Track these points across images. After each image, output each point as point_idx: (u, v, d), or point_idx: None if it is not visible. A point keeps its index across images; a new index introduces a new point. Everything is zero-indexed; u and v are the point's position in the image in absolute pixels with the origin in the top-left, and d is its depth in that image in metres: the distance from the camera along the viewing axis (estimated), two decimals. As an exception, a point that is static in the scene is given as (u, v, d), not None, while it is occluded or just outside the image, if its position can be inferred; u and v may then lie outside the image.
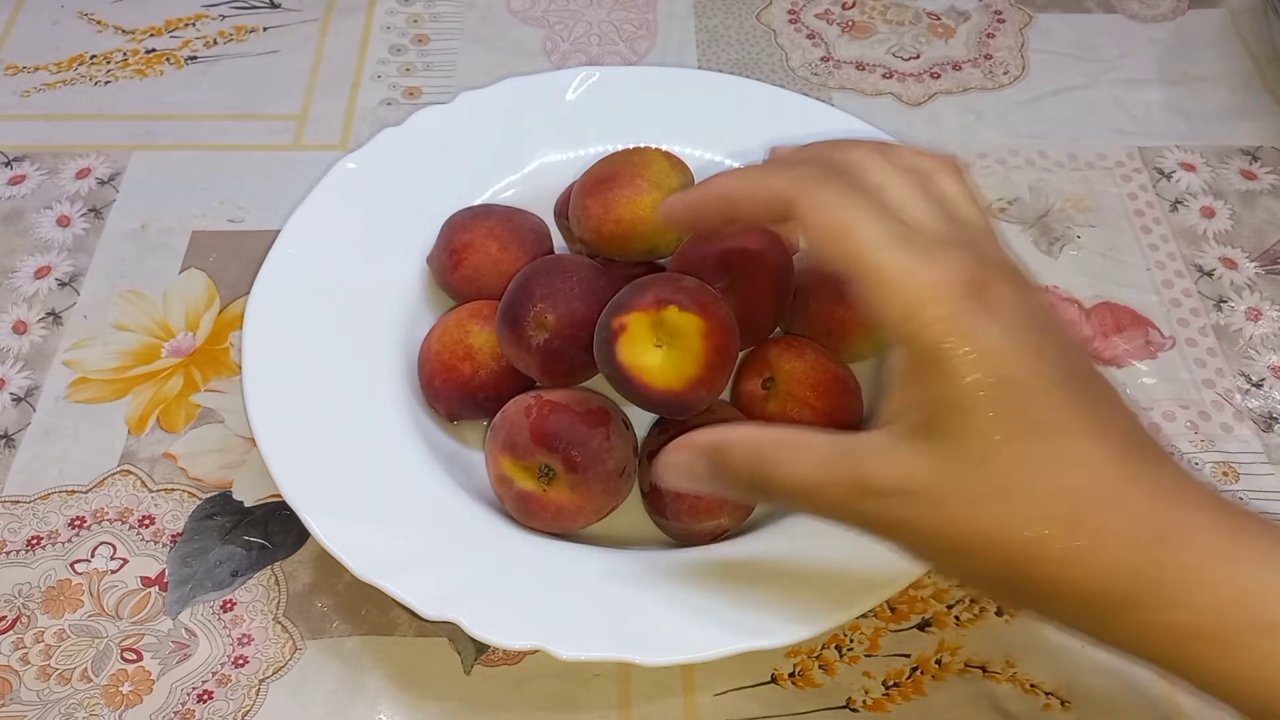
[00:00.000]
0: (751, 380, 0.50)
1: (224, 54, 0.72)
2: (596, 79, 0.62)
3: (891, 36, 0.75)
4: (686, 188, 0.52)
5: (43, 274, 0.60)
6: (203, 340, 0.58)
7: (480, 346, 0.50)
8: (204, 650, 0.48)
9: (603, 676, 0.47)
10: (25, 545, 0.51)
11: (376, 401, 0.50)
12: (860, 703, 0.47)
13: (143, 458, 0.53)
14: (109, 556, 0.50)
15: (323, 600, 0.49)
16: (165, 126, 0.67)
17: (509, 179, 0.59)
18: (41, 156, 0.66)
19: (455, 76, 0.71)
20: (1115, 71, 0.73)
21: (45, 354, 0.57)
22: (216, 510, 0.52)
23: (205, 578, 0.50)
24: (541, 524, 0.47)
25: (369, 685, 0.47)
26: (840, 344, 0.51)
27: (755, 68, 0.72)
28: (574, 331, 0.48)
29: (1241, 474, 0.55)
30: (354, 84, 0.70)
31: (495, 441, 0.47)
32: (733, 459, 0.36)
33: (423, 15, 0.75)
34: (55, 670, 0.47)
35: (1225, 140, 0.69)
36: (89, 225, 0.63)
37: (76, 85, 0.70)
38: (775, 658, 0.48)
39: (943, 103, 0.71)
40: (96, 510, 0.52)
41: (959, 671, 0.48)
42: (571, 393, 0.48)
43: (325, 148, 0.66)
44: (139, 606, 0.49)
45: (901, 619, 0.50)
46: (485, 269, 0.52)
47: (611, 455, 0.47)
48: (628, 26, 0.75)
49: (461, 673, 0.47)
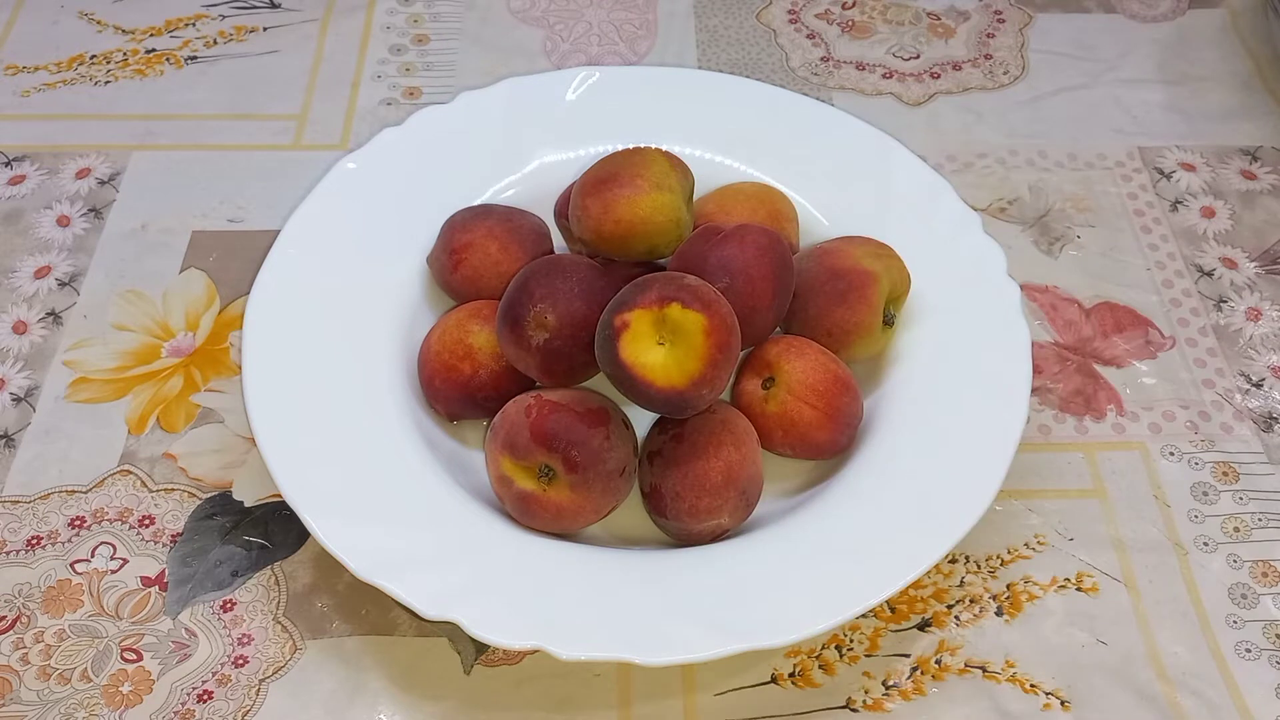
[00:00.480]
0: (751, 380, 0.50)
1: (224, 54, 0.72)
2: (596, 79, 0.62)
3: (891, 36, 0.75)
4: (686, 188, 0.52)
5: (43, 274, 0.60)
6: (203, 340, 0.58)
7: (480, 347, 0.50)
8: (204, 650, 0.48)
9: (603, 676, 0.47)
10: (25, 545, 0.51)
11: (376, 401, 0.50)
12: (860, 703, 0.47)
13: (143, 458, 0.53)
14: (109, 556, 0.50)
15: (323, 600, 0.49)
16: (165, 126, 0.67)
17: (509, 179, 0.59)
18: (41, 156, 0.66)
19: (455, 76, 0.71)
20: (1115, 71, 0.73)
21: (45, 354, 0.57)
22: (216, 510, 0.52)
23: (205, 578, 0.50)
24: (542, 524, 0.47)
25: (369, 685, 0.47)
26: (840, 344, 0.51)
27: (755, 68, 0.72)
28: (574, 331, 0.48)
29: (1241, 474, 0.55)
30: (354, 84, 0.70)
31: (495, 442, 0.47)
32: None
33: (423, 15, 0.75)
34: (55, 670, 0.47)
35: (1225, 140, 0.69)
36: (89, 225, 0.63)
37: (76, 85, 0.70)
38: (775, 658, 0.48)
39: (943, 103, 0.71)
40: (96, 510, 0.52)
41: (959, 671, 0.48)
42: (571, 392, 0.48)
43: (325, 148, 0.66)
44: (139, 606, 0.49)
45: (901, 619, 0.50)
46: (485, 269, 0.52)
47: (612, 455, 0.47)
48: (628, 26, 0.75)
49: (461, 672, 0.47)
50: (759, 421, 0.49)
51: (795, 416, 0.49)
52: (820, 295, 0.51)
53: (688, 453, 0.47)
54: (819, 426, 0.49)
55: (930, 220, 0.56)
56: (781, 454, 0.51)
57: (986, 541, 0.52)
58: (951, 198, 0.57)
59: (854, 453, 0.50)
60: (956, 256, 0.55)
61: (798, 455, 0.50)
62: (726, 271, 0.48)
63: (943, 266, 0.55)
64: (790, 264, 0.50)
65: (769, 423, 0.49)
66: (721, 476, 0.46)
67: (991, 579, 0.51)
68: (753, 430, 0.49)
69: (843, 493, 0.48)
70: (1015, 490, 0.53)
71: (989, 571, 0.51)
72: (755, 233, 0.49)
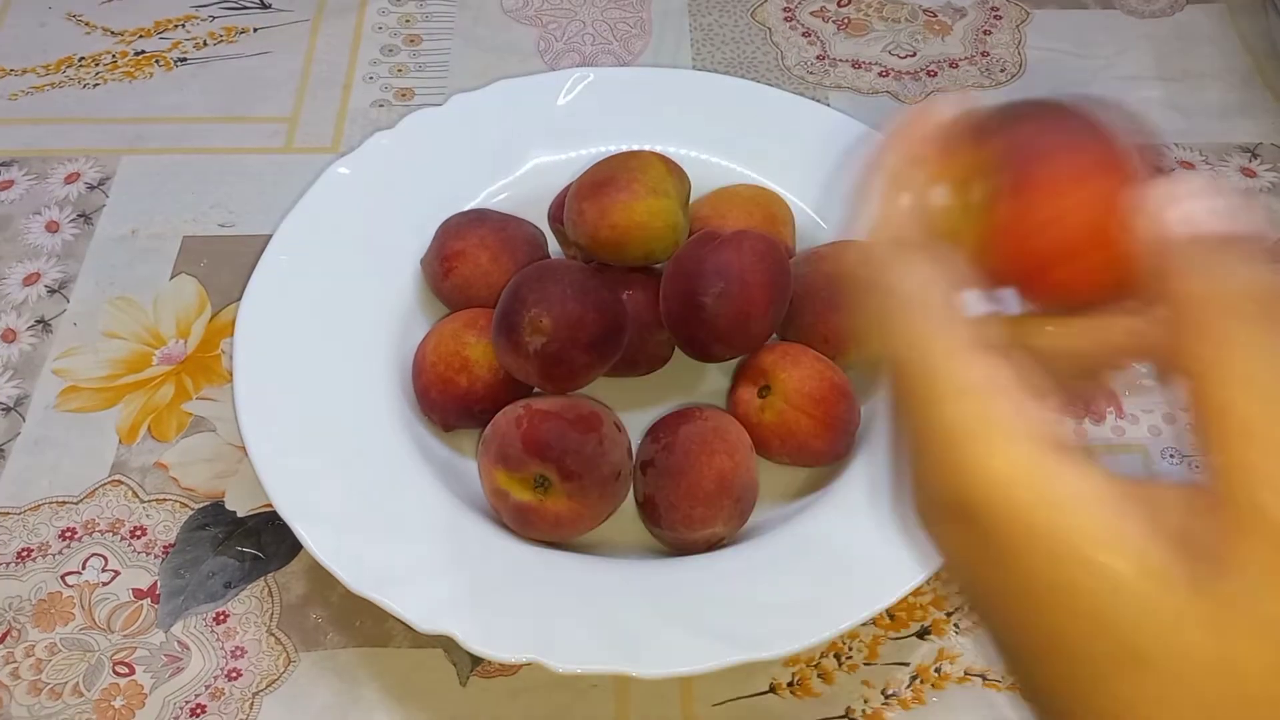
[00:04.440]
0: (747, 389, 0.50)
1: (214, 56, 0.71)
2: (590, 80, 0.61)
3: (887, 34, 0.74)
4: (682, 193, 0.52)
5: (31, 281, 0.60)
6: (194, 347, 0.57)
7: (476, 359, 0.50)
8: (197, 663, 0.47)
9: (600, 687, 0.47)
10: (15, 558, 0.50)
11: (370, 409, 0.50)
12: (860, 712, 0.47)
13: (134, 467, 0.53)
14: (100, 568, 0.50)
15: (316, 612, 0.49)
16: (155, 130, 0.67)
17: (502, 181, 0.59)
18: (29, 161, 0.65)
19: (448, 77, 0.70)
20: (1113, 68, 0.72)
21: (34, 362, 0.57)
22: (209, 521, 0.51)
23: (198, 589, 0.49)
24: (541, 534, 0.47)
25: (364, 697, 0.47)
26: (837, 351, 0.51)
27: (750, 66, 0.72)
28: (571, 332, 0.47)
29: (1242, 476, 0.54)
30: (345, 86, 0.70)
31: (488, 455, 0.47)
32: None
33: (415, 15, 0.74)
34: (46, 685, 0.47)
35: (1224, 137, 0.69)
36: (78, 231, 0.62)
37: (65, 88, 0.69)
38: (773, 667, 0.48)
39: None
40: (87, 521, 0.51)
41: (959, 680, 0.48)
42: (561, 400, 0.48)
43: (317, 150, 0.66)
44: (131, 619, 0.48)
45: (900, 626, 0.49)
46: (475, 279, 0.52)
47: (606, 460, 0.46)
48: (622, 25, 0.74)
49: (457, 684, 0.47)
50: (756, 431, 0.49)
51: (792, 425, 0.48)
52: (816, 301, 0.51)
53: (680, 462, 0.46)
54: (816, 435, 0.48)
55: (928, 222, 0.56)
56: (779, 462, 0.50)
57: (986, 547, 0.51)
58: (949, 199, 0.56)
59: (852, 459, 0.50)
60: (954, 259, 0.54)
61: (795, 463, 0.50)
62: (722, 277, 0.48)
63: (941, 269, 0.54)
64: (788, 271, 0.50)
65: (766, 432, 0.49)
66: (715, 485, 0.46)
67: (991, 585, 0.50)
68: (746, 437, 0.48)
69: (841, 500, 0.48)
70: (1015, 495, 0.53)
71: (988, 577, 0.51)
72: (752, 239, 0.49)
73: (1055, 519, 0.22)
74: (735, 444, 0.47)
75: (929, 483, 0.24)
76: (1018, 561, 0.22)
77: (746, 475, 0.47)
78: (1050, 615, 0.22)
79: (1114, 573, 0.21)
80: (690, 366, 0.53)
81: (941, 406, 0.24)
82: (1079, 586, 0.21)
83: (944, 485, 0.23)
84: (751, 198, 0.55)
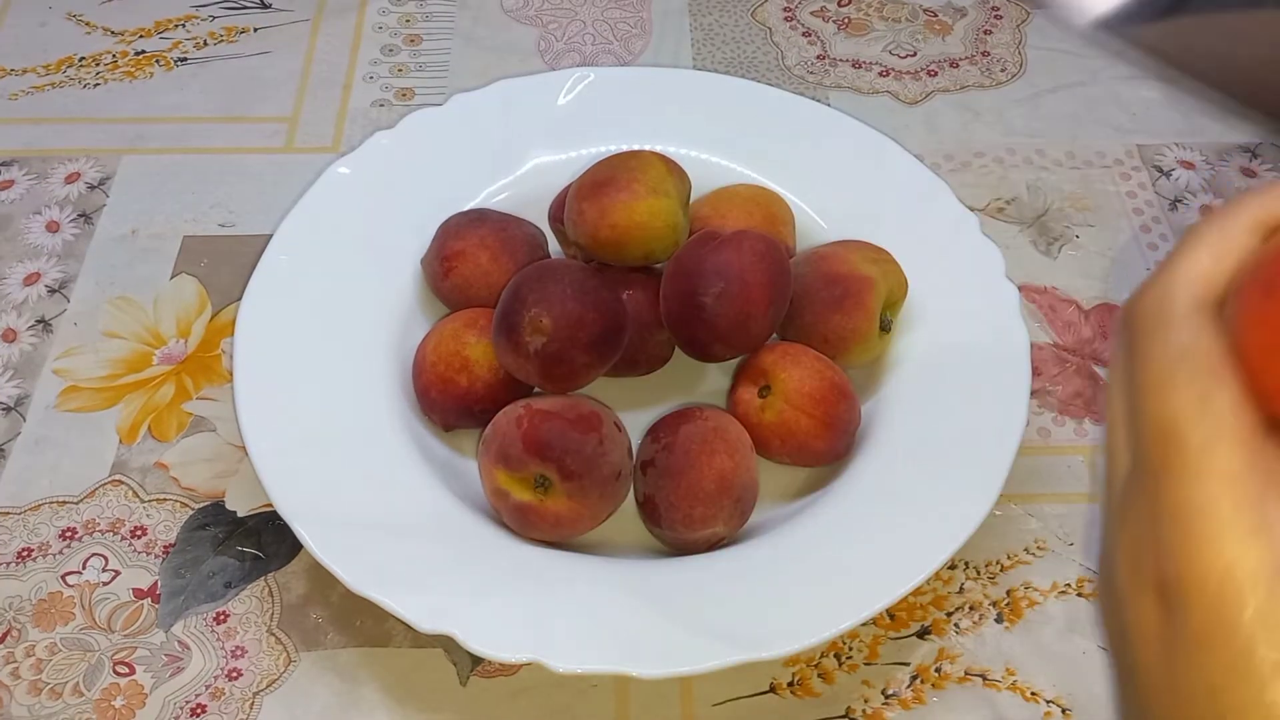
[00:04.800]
0: (747, 389, 0.50)
1: (214, 55, 0.71)
2: (590, 80, 0.61)
3: (888, 34, 0.74)
4: (682, 193, 0.52)
5: (32, 280, 0.60)
6: (194, 347, 0.57)
7: (477, 359, 0.50)
8: (197, 663, 0.47)
9: (600, 687, 0.47)
10: (15, 557, 0.50)
11: (370, 409, 0.50)
12: (860, 712, 0.47)
13: (134, 467, 0.53)
14: (101, 568, 0.50)
15: (317, 612, 0.49)
16: (155, 130, 0.67)
17: (502, 181, 0.59)
18: (30, 161, 0.65)
19: (448, 77, 0.70)
20: (1114, 68, 0.72)
21: (35, 362, 0.57)
22: (209, 520, 0.51)
23: (198, 589, 0.49)
24: (541, 534, 0.47)
25: (364, 697, 0.47)
26: (837, 350, 0.51)
27: (750, 66, 0.72)
28: (571, 332, 0.47)
29: (1242, 476, 0.54)
30: (346, 85, 0.70)
31: (488, 455, 0.47)
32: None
33: (415, 15, 0.74)
34: (47, 685, 0.47)
35: (1224, 137, 0.69)
36: (79, 231, 0.62)
37: (65, 88, 0.69)
38: (774, 667, 0.48)
39: (940, 101, 0.70)
40: (88, 521, 0.51)
41: (959, 680, 0.48)
42: (561, 399, 0.48)
43: (317, 150, 0.66)
44: (131, 619, 0.48)
45: (901, 626, 0.49)
46: (475, 280, 0.52)
47: (606, 460, 0.46)
48: (622, 25, 0.74)
49: (457, 684, 0.47)
50: (756, 431, 0.49)
51: (793, 425, 0.48)
52: (816, 301, 0.51)
53: (680, 462, 0.46)
54: (817, 435, 0.48)
55: (927, 221, 0.56)
56: (779, 462, 0.50)
57: (986, 547, 0.51)
58: (949, 198, 0.56)
59: (852, 459, 0.50)
60: (954, 258, 0.55)
61: (795, 463, 0.50)
62: (722, 277, 0.48)
63: (940, 269, 0.54)
64: (788, 271, 0.50)
65: (766, 432, 0.49)
66: (715, 485, 0.46)
67: (991, 585, 0.50)
68: (746, 437, 0.48)
69: (841, 499, 0.48)
70: (1015, 495, 0.53)
71: (989, 578, 0.51)
72: (752, 239, 0.49)
73: (1260, 634, 0.22)
74: (735, 444, 0.47)
75: (1145, 551, 0.24)
76: (1199, 655, 0.23)
77: (747, 475, 0.47)
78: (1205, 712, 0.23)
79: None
80: (690, 366, 0.53)
81: (1195, 484, 0.23)
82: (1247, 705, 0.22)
83: (1162, 558, 0.24)
84: (751, 197, 0.55)
